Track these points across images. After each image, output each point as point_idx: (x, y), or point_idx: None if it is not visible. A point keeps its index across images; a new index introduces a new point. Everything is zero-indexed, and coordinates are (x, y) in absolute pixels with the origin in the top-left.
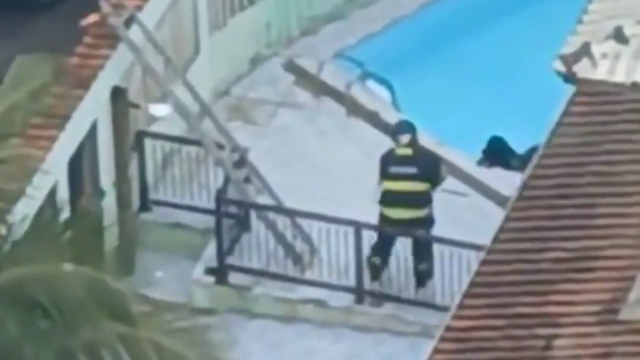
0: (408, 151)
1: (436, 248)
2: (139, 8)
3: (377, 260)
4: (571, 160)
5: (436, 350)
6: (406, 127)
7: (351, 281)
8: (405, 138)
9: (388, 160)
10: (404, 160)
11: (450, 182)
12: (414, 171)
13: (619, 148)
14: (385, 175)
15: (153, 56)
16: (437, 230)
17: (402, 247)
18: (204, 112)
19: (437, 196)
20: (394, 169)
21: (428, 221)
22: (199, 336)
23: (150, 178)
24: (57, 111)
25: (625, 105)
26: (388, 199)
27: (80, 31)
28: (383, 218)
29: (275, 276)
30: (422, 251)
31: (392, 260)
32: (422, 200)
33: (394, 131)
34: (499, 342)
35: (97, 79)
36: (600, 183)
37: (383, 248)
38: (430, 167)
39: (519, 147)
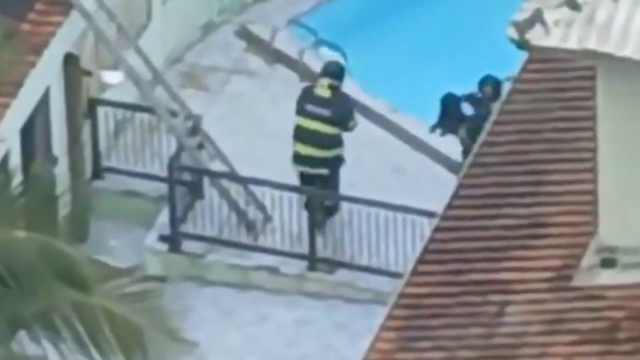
0: (327, 93)
1: (389, 215)
2: None
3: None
4: (523, 127)
5: (389, 317)
6: (334, 70)
7: (304, 248)
8: (327, 80)
9: (306, 97)
10: (321, 101)
11: (402, 148)
12: (327, 114)
13: (570, 115)
14: (299, 110)
15: (105, 23)
16: (389, 197)
17: (357, 215)
18: (156, 79)
19: (389, 163)
20: (310, 107)
21: (336, 161)
22: (151, 303)
23: (102, 145)
24: (9, 78)
25: (578, 72)
26: (298, 134)
27: None
28: (294, 153)
29: (229, 243)
30: (331, 189)
31: (345, 229)
32: (331, 142)
33: (322, 70)
34: (452, 309)
35: (49, 46)
36: (552, 150)
37: (310, 184)
38: (343, 114)
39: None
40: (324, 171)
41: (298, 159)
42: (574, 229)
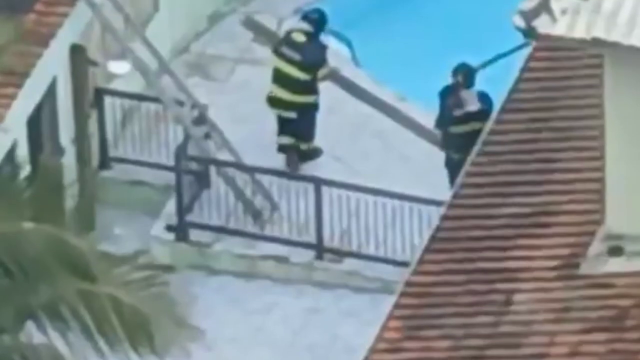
0: (301, 38)
1: (396, 204)
2: None
3: (284, 139)
4: (531, 115)
5: (397, 306)
6: (314, 17)
7: (311, 237)
8: (305, 25)
9: (284, 40)
10: (294, 45)
11: (409, 137)
12: (297, 58)
13: (578, 103)
14: (275, 51)
15: (112, 13)
16: (397, 186)
17: (364, 204)
18: (163, 69)
19: (396, 152)
20: (284, 50)
21: (307, 108)
22: (158, 291)
23: (109, 135)
24: (16, 69)
25: (585, 60)
26: (274, 75)
27: None
28: (268, 94)
29: (236, 232)
30: (303, 133)
31: (352, 219)
32: (301, 87)
33: (302, 15)
34: (460, 297)
35: (56, 36)
36: (559, 138)
37: (285, 128)
38: (312, 60)
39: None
40: (292, 115)
41: (271, 100)
42: (582, 217)
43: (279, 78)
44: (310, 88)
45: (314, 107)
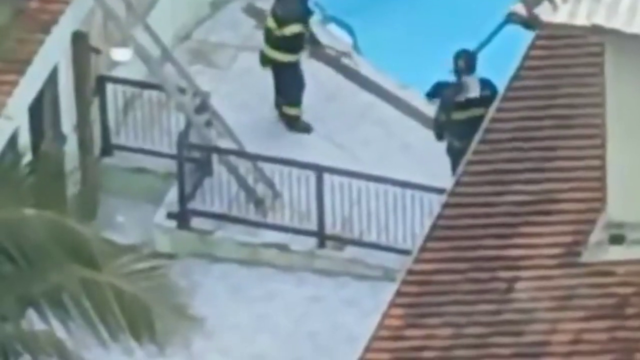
0: None
1: (398, 191)
2: None
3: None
4: (532, 103)
5: (398, 294)
6: None
7: (313, 225)
8: None
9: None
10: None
11: (411, 125)
12: (275, 9)
13: (579, 91)
14: (271, 12)
15: (114, 0)
16: (398, 174)
17: (365, 192)
18: (165, 56)
19: (398, 140)
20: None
21: (287, 67)
22: (160, 281)
23: (111, 122)
24: (18, 56)
25: (586, 48)
26: (265, 35)
27: None
28: (262, 54)
29: (238, 220)
30: (284, 92)
31: (354, 206)
32: (278, 42)
33: None
34: (461, 285)
35: (58, 23)
36: (560, 126)
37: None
38: (285, 13)
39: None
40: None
41: (264, 59)
42: (583, 205)
43: (268, 36)
44: (286, 45)
45: (292, 67)
